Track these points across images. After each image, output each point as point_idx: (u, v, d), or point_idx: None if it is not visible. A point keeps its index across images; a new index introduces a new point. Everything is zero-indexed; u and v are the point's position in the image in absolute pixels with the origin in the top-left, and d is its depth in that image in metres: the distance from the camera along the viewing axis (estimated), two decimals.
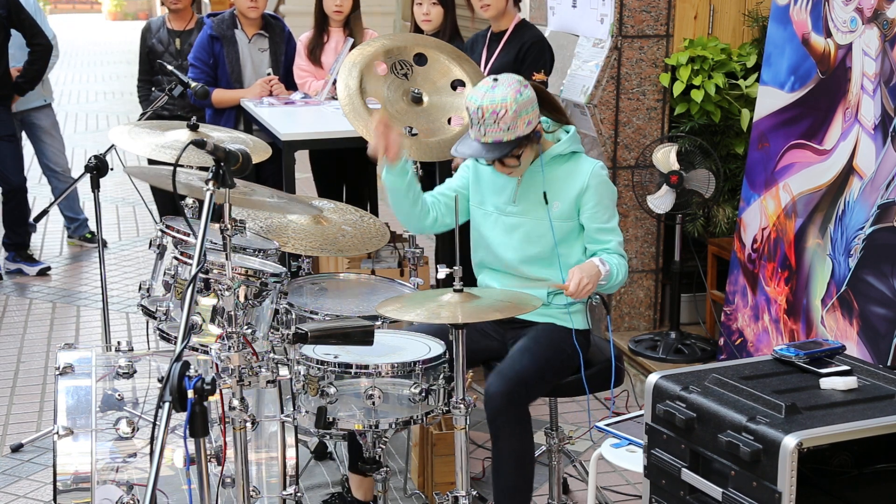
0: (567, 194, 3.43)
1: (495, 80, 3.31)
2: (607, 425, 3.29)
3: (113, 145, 4.37)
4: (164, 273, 3.63)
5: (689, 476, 2.58)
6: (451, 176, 5.07)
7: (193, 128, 4.00)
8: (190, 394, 2.34)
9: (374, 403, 3.09)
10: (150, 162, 5.74)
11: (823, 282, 4.08)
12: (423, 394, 3.12)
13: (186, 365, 2.36)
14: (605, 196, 3.46)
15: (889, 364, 3.71)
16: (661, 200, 4.74)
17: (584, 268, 3.32)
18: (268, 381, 2.87)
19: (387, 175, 3.46)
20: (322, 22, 5.73)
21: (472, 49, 5.02)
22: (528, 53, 4.73)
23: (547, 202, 3.43)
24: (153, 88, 6.31)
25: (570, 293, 3.29)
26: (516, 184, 3.49)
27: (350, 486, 3.72)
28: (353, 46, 5.28)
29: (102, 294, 4.47)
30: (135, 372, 3.25)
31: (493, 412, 3.26)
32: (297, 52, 5.81)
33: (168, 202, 5.89)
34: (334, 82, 5.28)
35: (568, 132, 3.49)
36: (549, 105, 3.48)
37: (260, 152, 4.00)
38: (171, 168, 2.73)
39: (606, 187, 3.47)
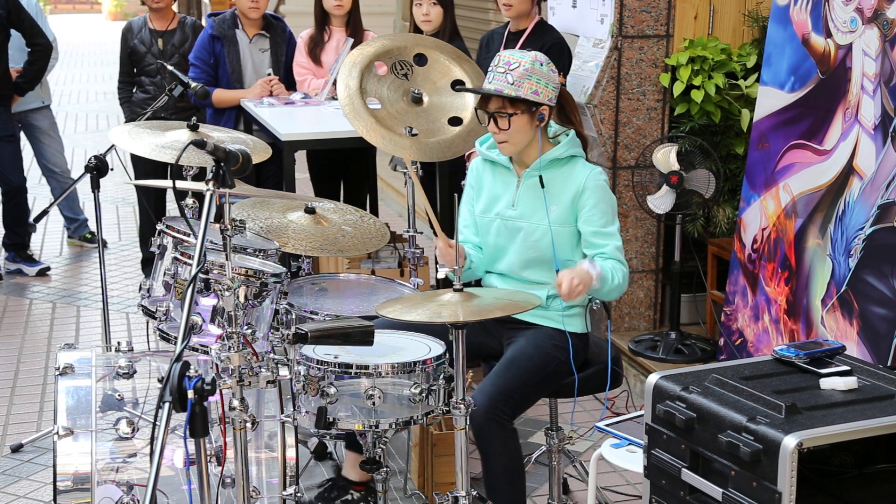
0: (564, 198, 3.42)
1: (530, 50, 3.46)
2: (607, 425, 3.29)
3: (113, 145, 4.38)
4: (164, 273, 3.64)
5: (689, 476, 2.58)
6: (450, 175, 5.10)
7: (193, 128, 4.01)
8: (190, 394, 2.34)
9: (374, 403, 3.09)
10: (134, 162, 5.80)
11: (823, 282, 4.08)
12: (424, 394, 3.12)
13: (186, 365, 2.36)
14: (602, 200, 3.43)
15: (889, 364, 3.71)
16: (661, 200, 4.74)
17: (573, 269, 3.30)
18: (268, 382, 2.87)
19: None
20: (323, 20, 5.74)
21: (487, 46, 5.02)
22: (549, 55, 4.74)
23: (543, 185, 3.41)
24: (134, 89, 6.32)
25: (562, 293, 3.28)
26: (515, 187, 3.49)
27: (343, 470, 3.72)
28: (353, 46, 5.29)
29: (102, 294, 4.47)
30: (135, 372, 3.25)
31: (478, 431, 3.25)
32: (297, 49, 5.81)
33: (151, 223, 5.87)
34: (334, 82, 5.28)
35: (568, 136, 3.49)
36: (567, 112, 3.52)
37: (260, 152, 4.00)
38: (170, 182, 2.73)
39: (604, 192, 3.44)
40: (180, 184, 3.04)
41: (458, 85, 4.19)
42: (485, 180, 3.59)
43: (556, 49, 4.72)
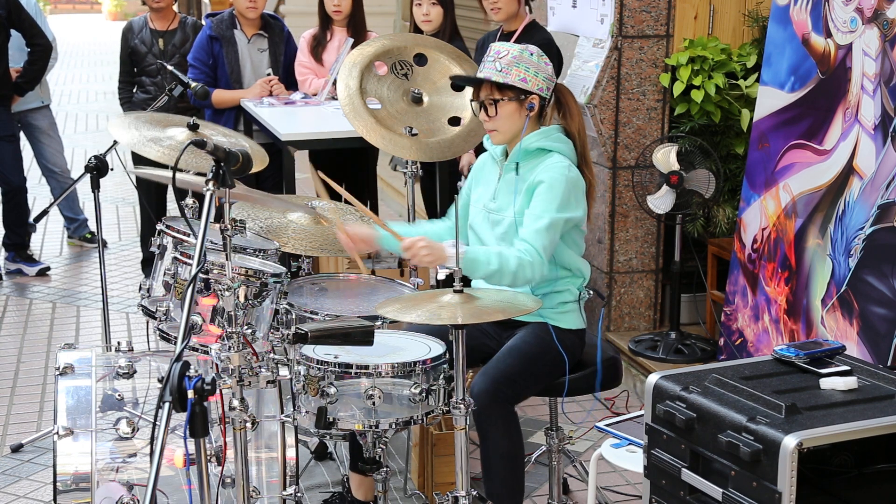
0: (522, 187, 3.40)
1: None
2: (607, 425, 3.29)
3: (114, 143, 4.38)
4: (164, 273, 3.63)
5: (689, 476, 2.58)
6: (450, 175, 5.10)
7: (193, 128, 4.00)
8: (190, 394, 2.34)
9: (374, 403, 3.09)
10: (135, 162, 5.82)
11: (823, 282, 4.08)
12: (424, 394, 3.12)
13: (186, 365, 2.36)
14: (551, 188, 3.30)
15: (889, 364, 3.72)
16: (661, 200, 4.74)
17: (432, 243, 3.26)
18: (268, 382, 2.87)
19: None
20: (326, 20, 5.75)
21: (482, 49, 5.03)
22: None
23: (518, 173, 3.39)
24: (135, 90, 6.31)
25: (404, 246, 3.27)
26: (497, 181, 3.50)
27: (350, 487, 3.73)
28: (354, 46, 5.29)
29: (102, 294, 4.47)
30: (135, 372, 3.25)
31: (478, 411, 3.25)
32: (299, 49, 5.82)
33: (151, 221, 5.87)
34: (334, 82, 5.28)
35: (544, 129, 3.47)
36: (562, 107, 3.50)
37: (258, 159, 4.00)
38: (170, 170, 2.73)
39: (558, 182, 3.31)
40: (180, 176, 3.03)
41: (458, 85, 4.20)
42: (484, 172, 3.61)
43: (545, 49, 4.73)
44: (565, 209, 3.32)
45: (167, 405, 2.31)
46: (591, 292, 3.55)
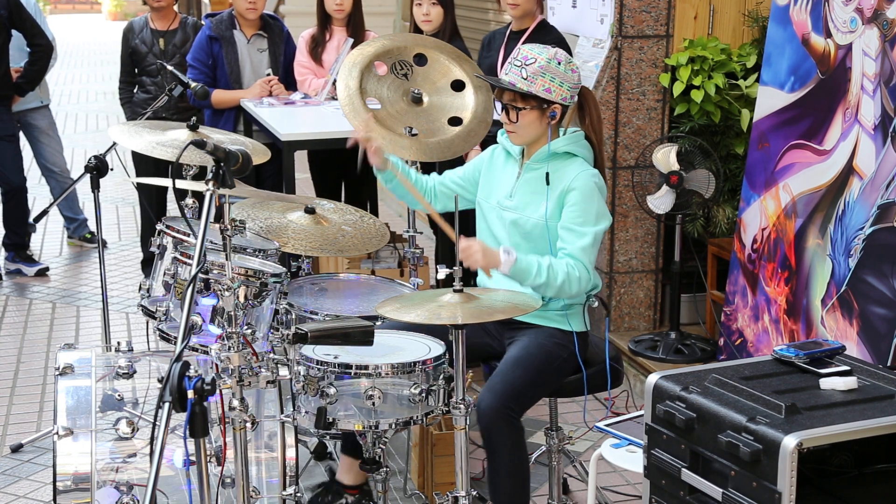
0: (553, 194, 3.42)
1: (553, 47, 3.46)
2: (607, 425, 3.29)
3: (113, 144, 4.38)
4: (164, 273, 3.64)
5: (689, 476, 2.58)
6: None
7: (193, 128, 4.01)
8: (190, 394, 2.34)
9: (373, 404, 3.09)
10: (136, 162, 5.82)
11: (823, 282, 4.08)
12: (423, 394, 3.12)
13: (186, 365, 2.36)
14: (584, 200, 3.35)
15: (889, 364, 3.72)
16: (661, 200, 4.74)
17: (486, 247, 3.25)
18: (268, 382, 2.87)
19: (379, 176, 3.64)
20: (325, 20, 5.75)
21: (489, 46, 5.03)
22: None
23: (549, 183, 3.40)
24: (135, 90, 6.31)
25: (462, 247, 3.22)
26: (515, 179, 3.50)
27: (336, 473, 3.72)
28: (353, 46, 5.29)
29: (102, 294, 4.47)
30: (135, 372, 3.25)
31: (486, 428, 3.25)
32: (298, 49, 5.82)
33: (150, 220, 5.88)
34: (334, 82, 5.28)
35: (572, 133, 3.48)
36: (584, 112, 3.49)
37: (259, 155, 4.00)
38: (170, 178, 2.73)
39: (590, 193, 3.36)
40: (180, 183, 3.04)
41: (458, 85, 4.20)
42: (496, 166, 3.60)
43: None
44: (601, 220, 3.38)
45: (167, 405, 2.31)
46: (597, 303, 3.55)
